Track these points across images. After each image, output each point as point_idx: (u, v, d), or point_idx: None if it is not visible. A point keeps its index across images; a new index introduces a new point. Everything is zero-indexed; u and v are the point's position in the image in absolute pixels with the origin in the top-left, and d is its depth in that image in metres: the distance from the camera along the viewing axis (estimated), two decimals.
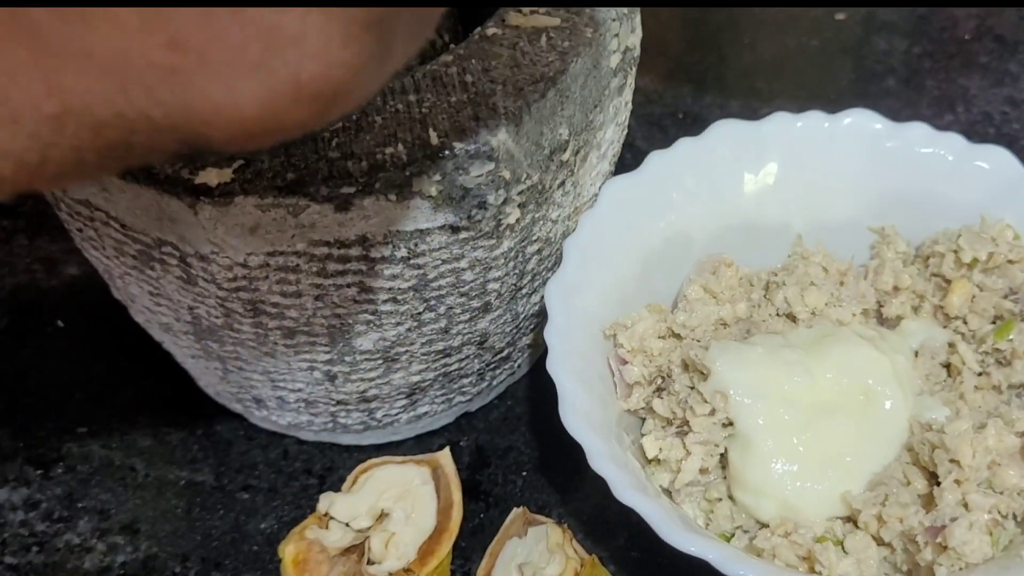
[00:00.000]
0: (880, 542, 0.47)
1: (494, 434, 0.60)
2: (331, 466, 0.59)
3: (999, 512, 0.46)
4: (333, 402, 0.54)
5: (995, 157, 0.56)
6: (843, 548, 0.47)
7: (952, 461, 0.47)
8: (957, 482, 0.46)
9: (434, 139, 0.42)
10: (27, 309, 0.67)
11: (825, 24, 0.85)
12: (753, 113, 0.58)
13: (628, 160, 0.57)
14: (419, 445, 0.59)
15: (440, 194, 0.42)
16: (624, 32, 0.49)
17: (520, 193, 0.45)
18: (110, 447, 0.60)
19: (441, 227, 0.44)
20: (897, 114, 0.58)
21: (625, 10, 0.49)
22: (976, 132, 0.75)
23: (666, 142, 0.57)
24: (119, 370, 0.63)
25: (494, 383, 0.59)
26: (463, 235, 0.45)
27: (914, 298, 0.56)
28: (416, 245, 0.44)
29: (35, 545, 0.56)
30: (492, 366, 0.57)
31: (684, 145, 0.56)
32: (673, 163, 0.56)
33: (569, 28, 0.46)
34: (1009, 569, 0.43)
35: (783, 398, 0.49)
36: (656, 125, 0.77)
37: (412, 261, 0.45)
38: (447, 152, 0.42)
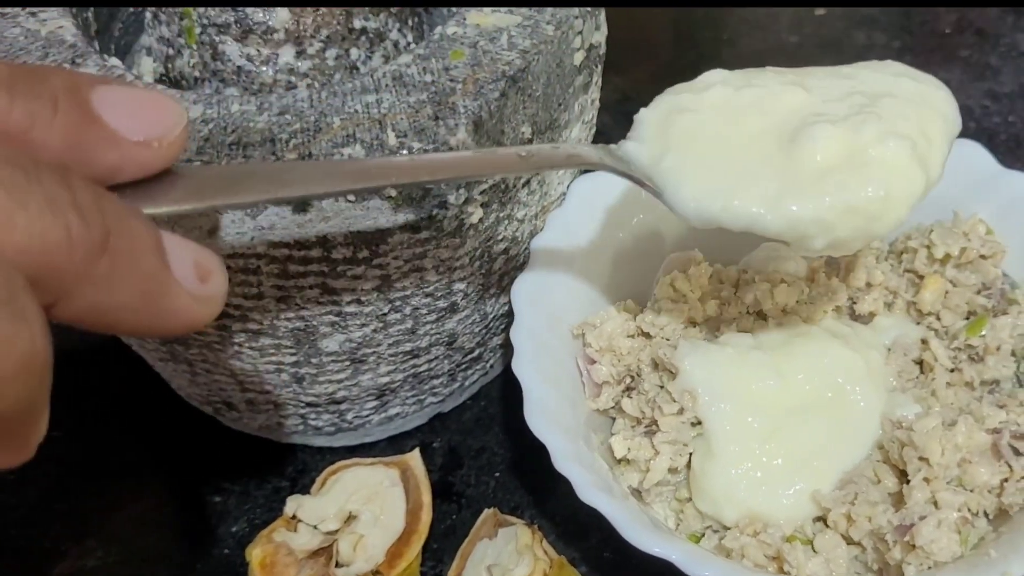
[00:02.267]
0: (850, 541, 0.47)
1: (467, 435, 0.60)
2: (303, 468, 0.59)
3: (969, 510, 0.46)
4: (302, 404, 0.54)
5: (968, 152, 0.55)
6: (812, 547, 0.47)
7: (921, 459, 0.46)
8: (926, 480, 0.46)
9: (392, 139, 0.41)
10: None
11: (805, 19, 0.84)
12: None
13: None
14: (392, 446, 0.59)
15: (400, 195, 0.42)
16: (588, 30, 0.49)
17: (482, 193, 0.45)
18: (83, 451, 0.60)
19: (402, 227, 0.44)
20: None
21: (589, 7, 0.48)
22: None
23: None
24: (92, 374, 0.63)
25: (466, 383, 0.59)
26: (425, 235, 0.44)
27: (887, 294, 0.55)
28: (377, 246, 0.44)
29: (8, 550, 0.56)
30: (463, 366, 0.56)
31: None
32: None
33: (531, 26, 0.46)
34: (977, 567, 0.43)
35: (751, 402, 0.49)
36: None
37: (374, 262, 0.45)
38: (405, 152, 0.41)
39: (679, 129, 0.42)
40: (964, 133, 0.72)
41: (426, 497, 0.53)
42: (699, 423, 0.49)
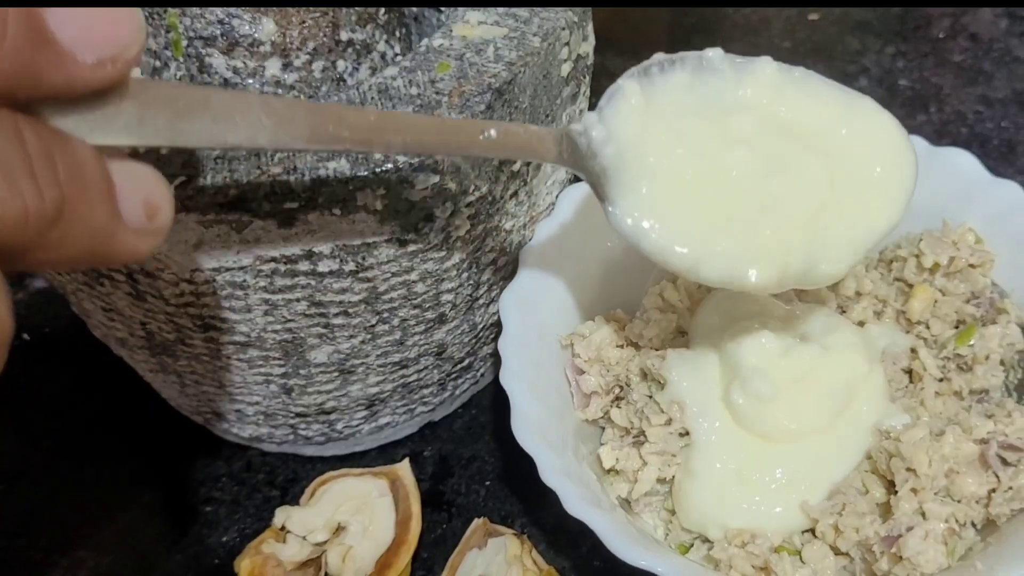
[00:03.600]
0: (838, 552, 0.47)
1: (458, 444, 0.60)
2: (294, 478, 0.59)
3: (956, 520, 0.46)
4: (292, 414, 0.54)
5: (957, 160, 0.55)
6: (801, 558, 0.47)
7: (909, 470, 0.46)
8: (914, 491, 0.46)
9: (378, 153, 0.41)
10: None
11: (798, 25, 0.84)
12: None
13: None
14: (382, 455, 0.59)
15: (385, 208, 0.42)
16: (575, 41, 0.48)
17: (469, 205, 0.45)
18: (73, 462, 0.60)
19: (388, 240, 0.44)
20: None
21: (576, 18, 0.48)
22: (949, 132, 0.74)
23: None
24: (83, 384, 0.63)
25: (457, 392, 0.59)
26: (411, 248, 0.44)
27: (876, 303, 0.55)
28: (364, 258, 0.44)
29: None
30: (453, 376, 0.56)
31: None
32: None
33: (517, 38, 0.46)
34: None
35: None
36: None
37: (361, 274, 0.45)
38: (391, 166, 0.41)
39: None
40: (957, 138, 0.73)
41: (415, 507, 0.53)
42: (687, 434, 0.49)
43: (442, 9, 0.55)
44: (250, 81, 0.47)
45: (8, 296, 0.25)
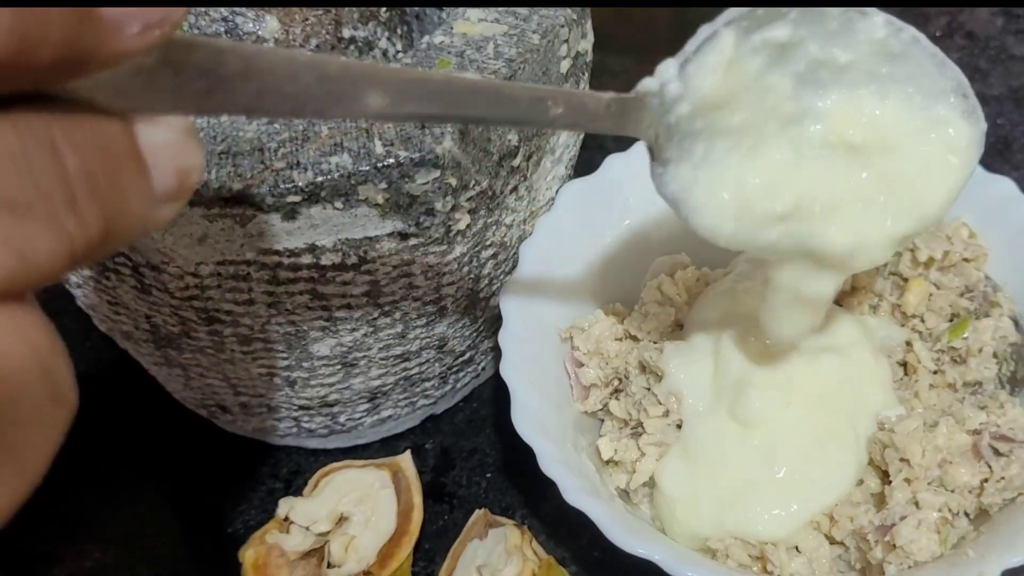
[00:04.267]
0: (833, 541, 0.48)
1: (459, 436, 0.61)
2: (297, 470, 0.59)
3: (949, 510, 0.46)
4: (295, 407, 0.55)
5: None
6: (796, 547, 0.48)
7: (902, 460, 0.47)
8: (907, 481, 0.47)
9: (379, 148, 0.42)
10: None
11: None
12: None
13: (598, 163, 0.57)
14: (385, 448, 0.60)
15: (387, 202, 0.43)
16: (574, 38, 0.49)
17: (469, 199, 0.46)
18: (78, 454, 0.60)
19: (390, 234, 0.44)
20: None
21: (575, 16, 0.49)
22: None
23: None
24: (88, 377, 0.63)
25: (458, 386, 0.59)
26: (413, 242, 0.45)
27: (872, 297, 0.56)
28: (366, 252, 0.45)
29: (3, 554, 0.56)
30: (455, 369, 0.57)
31: (641, 147, 0.56)
32: (630, 165, 0.56)
33: (517, 35, 0.47)
34: (956, 567, 0.44)
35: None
36: None
37: (363, 268, 0.46)
38: (392, 160, 0.42)
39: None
40: None
41: (417, 498, 0.54)
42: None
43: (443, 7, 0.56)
44: None
45: (70, 366, 0.23)
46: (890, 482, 0.47)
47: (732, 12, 0.39)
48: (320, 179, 0.41)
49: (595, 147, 0.65)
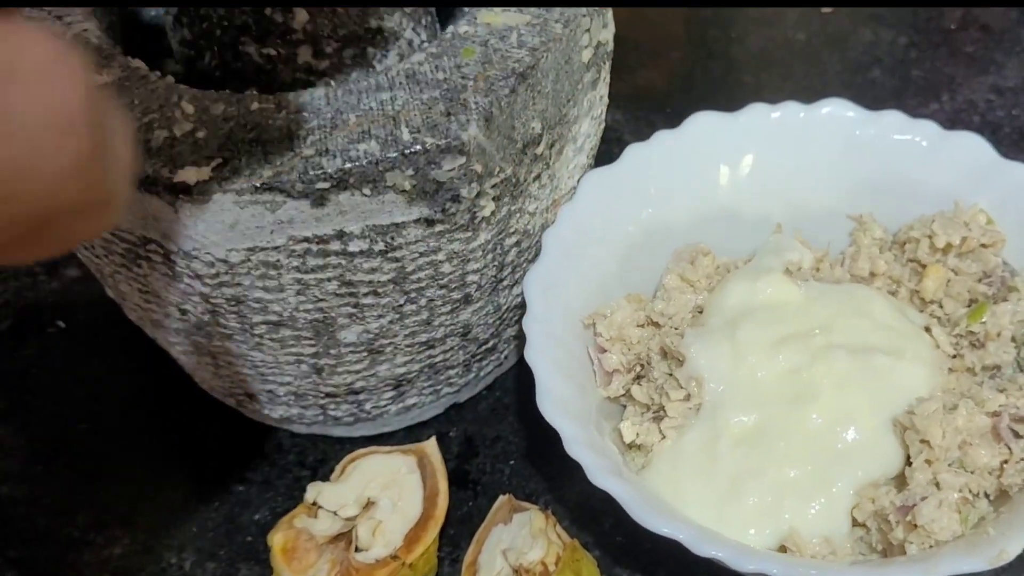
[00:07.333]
0: (854, 522, 0.48)
1: (482, 424, 0.61)
2: (323, 458, 0.60)
3: (970, 490, 0.47)
4: (322, 395, 0.55)
5: (968, 143, 0.56)
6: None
7: (923, 442, 0.47)
8: (928, 462, 0.47)
9: (406, 135, 0.43)
10: (29, 310, 0.69)
11: (812, 16, 0.86)
12: (740, 106, 0.59)
13: (616, 155, 0.57)
14: (409, 436, 0.60)
15: (413, 188, 0.44)
16: (596, 28, 0.50)
17: (494, 186, 0.47)
18: (109, 443, 0.62)
19: (416, 220, 0.45)
20: (883, 104, 0.60)
21: (597, 7, 0.50)
22: (961, 120, 0.76)
23: None
24: (118, 368, 0.65)
25: (481, 374, 0.60)
26: (439, 228, 0.46)
27: (890, 283, 0.56)
28: (393, 239, 0.46)
29: (36, 539, 0.57)
30: (478, 357, 0.58)
31: (662, 137, 0.57)
32: (651, 155, 0.57)
33: (540, 25, 0.48)
34: (976, 545, 0.44)
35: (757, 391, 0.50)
36: (644, 120, 0.78)
37: (390, 255, 0.46)
38: (419, 147, 0.43)
39: None
40: (969, 126, 0.74)
41: (442, 484, 0.54)
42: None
43: None
44: (282, 68, 0.49)
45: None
46: (911, 464, 0.48)
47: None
48: (348, 165, 0.42)
49: (613, 139, 0.66)
